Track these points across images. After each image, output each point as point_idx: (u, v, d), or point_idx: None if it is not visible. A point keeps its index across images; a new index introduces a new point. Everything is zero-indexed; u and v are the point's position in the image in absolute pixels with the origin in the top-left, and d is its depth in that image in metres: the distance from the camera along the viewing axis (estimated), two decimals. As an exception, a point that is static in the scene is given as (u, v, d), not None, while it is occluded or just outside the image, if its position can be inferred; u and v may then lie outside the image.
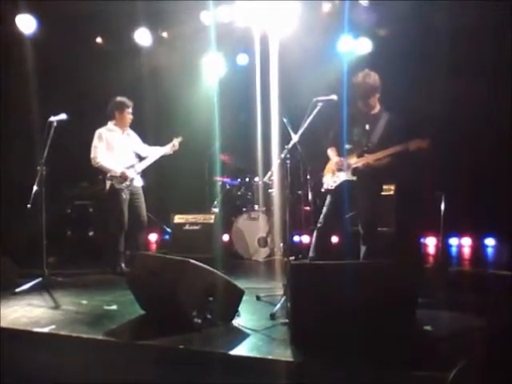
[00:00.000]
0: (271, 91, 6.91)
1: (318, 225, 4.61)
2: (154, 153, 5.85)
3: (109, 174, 5.51)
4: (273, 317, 3.72)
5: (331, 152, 4.66)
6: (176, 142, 5.89)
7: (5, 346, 3.47)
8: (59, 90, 6.90)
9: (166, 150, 5.86)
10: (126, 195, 5.53)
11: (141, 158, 5.81)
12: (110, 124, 5.67)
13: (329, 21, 6.58)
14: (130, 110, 5.68)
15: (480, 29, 6.11)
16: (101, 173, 5.76)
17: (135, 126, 6.16)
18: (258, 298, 4.31)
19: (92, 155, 5.51)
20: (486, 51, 6.23)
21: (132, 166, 5.65)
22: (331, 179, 4.60)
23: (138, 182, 5.71)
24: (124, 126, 5.70)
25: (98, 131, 5.60)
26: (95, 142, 5.55)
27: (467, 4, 5.83)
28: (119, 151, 5.63)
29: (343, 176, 4.50)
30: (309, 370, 2.89)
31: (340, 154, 4.58)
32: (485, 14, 5.92)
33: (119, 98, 5.66)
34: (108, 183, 5.53)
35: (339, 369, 2.83)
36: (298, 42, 6.44)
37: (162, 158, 5.97)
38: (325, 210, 4.62)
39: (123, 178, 5.51)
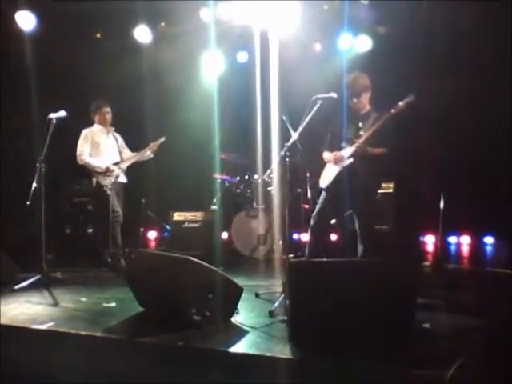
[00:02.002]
0: (271, 89, 6.90)
1: (312, 222, 4.60)
2: (136, 154, 5.97)
3: (94, 171, 5.68)
4: (272, 314, 3.72)
5: (327, 154, 4.64)
6: (154, 143, 5.95)
7: (3, 343, 3.46)
8: (59, 86, 6.89)
9: (146, 153, 5.95)
10: (110, 191, 5.66)
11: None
12: (95, 125, 5.90)
13: (329, 18, 6.57)
14: (106, 109, 5.88)
15: (480, 28, 6.10)
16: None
17: (134, 122, 6.16)
18: (257, 295, 4.32)
19: (78, 153, 5.71)
20: (486, 50, 6.22)
21: (117, 164, 5.81)
22: (327, 176, 4.59)
23: (122, 179, 5.85)
24: (105, 126, 5.89)
25: (84, 131, 5.82)
26: (81, 140, 5.77)
27: (467, 3, 5.83)
28: (104, 150, 5.83)
29: (337, 168, 4.48)
30: (307, 368, 2.89)
31: None
32: (485, 13, 5.92)
33: (96, 101, 5.92)
34: (94, 180, 5.72)
35: (338, 366, 2.83)
36: (298, 39, 6.44)
37: (161, 155, 5.99)
38: (318, 206, 4.60)
39: (108, 173, 5.67)
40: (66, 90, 6.84)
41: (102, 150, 5.80)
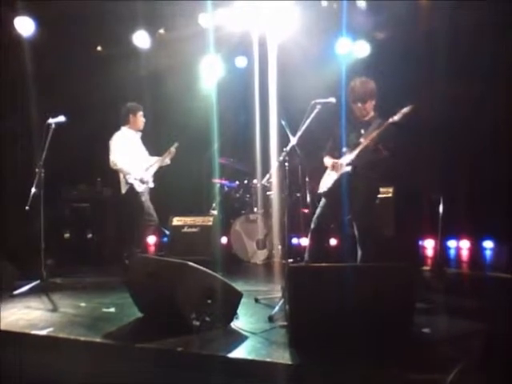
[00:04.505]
0: (270, 93, 6.92)
1: (312, 226, 4.59)
2: (158, 159, 5.90)
3: (129, 178, 5.54)
4: (271, 319, 3.71)
5: (328, 159, 4.63)
6: (172, 148, 5.90)
7: (2, 349, 3.46)
8: (57, 92, 6.89)
9: (165, 159, 5.90)
10: (144, 198, 5.62)
11: None
12: (125, 128, 5.74)
13: (327, 23, 6.59)
14: (141, 113, 5.77)
15: (479, 30, 6.12)
16: (100, 175, 5.73)
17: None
18: (256, 300, 4.32)
19: (111, 158, 5.54)
20: (485, 53, 6.24)
21: (147, 169, 5.73)
22: (326, 182, 4.59)
23: (151, 185, 5.79)
24: (138, 129, 5.79)
25: (117, 134, 5.69)
26: (114, 144, 5.60)
27: (466, 6, 5.84)
28: (136, 154, 5.71)
29: (336, 174, 4.47)
30: (307, 373, 2.88)
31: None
32: (484, 15, 5.93)
33: (131, 103, 5.78)
34: (126, 186, 5.58)
35: (338, 371, 2.83)
36: (297, 44, 6.45)
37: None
38: (318, 211, 4.60)
39: (144, 182, 5.61)
40: (64, 95, 6.84)
41: (133, 154, 5.67)
